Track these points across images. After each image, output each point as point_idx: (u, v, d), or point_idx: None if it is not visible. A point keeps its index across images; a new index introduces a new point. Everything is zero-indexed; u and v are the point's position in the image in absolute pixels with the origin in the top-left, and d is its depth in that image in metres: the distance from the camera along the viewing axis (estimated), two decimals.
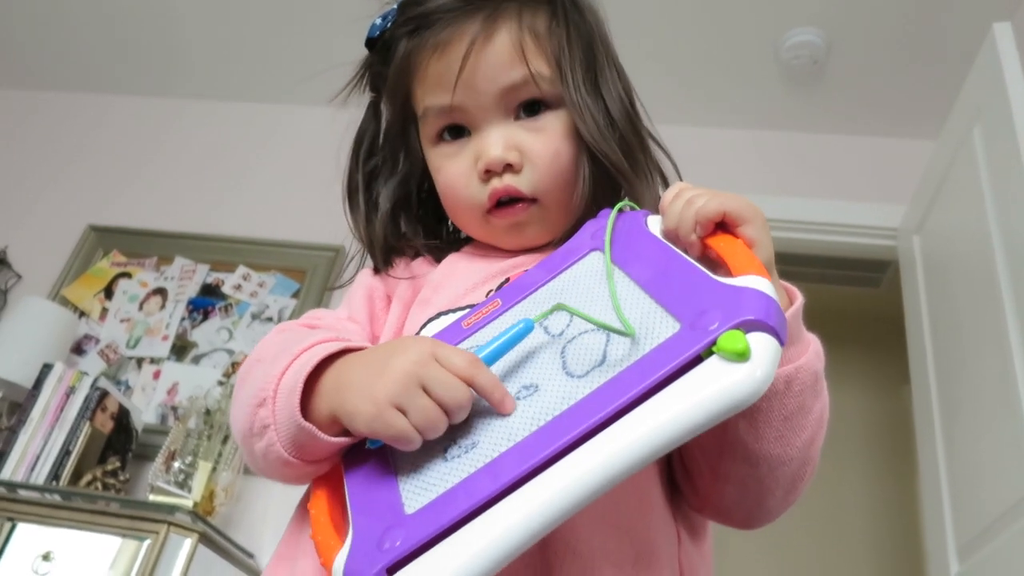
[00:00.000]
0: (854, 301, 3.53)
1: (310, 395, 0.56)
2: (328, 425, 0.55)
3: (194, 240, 2.47)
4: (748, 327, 0.46)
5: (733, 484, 0.61)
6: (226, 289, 2.38)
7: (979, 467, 1.63)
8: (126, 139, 2.72)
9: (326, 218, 2.35)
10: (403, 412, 0.50)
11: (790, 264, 3.17)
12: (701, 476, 0.63)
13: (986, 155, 1.70)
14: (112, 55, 2.67)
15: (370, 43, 0.79)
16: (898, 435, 3.37)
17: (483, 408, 0.52)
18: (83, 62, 2.71)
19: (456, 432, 0.52)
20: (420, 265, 0.80)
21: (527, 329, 0.56)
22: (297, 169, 2.56)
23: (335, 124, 0.84)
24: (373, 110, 0.83)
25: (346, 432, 0.55)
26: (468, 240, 0.81)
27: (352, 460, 0.56)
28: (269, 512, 1.99)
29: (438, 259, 0.79)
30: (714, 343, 0.45)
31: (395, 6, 0.77)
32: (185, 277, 2.41)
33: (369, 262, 0.81)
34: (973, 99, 1.79)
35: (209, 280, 2.41)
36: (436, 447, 0.51)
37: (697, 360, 0.46)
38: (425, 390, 0.51)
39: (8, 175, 2.69)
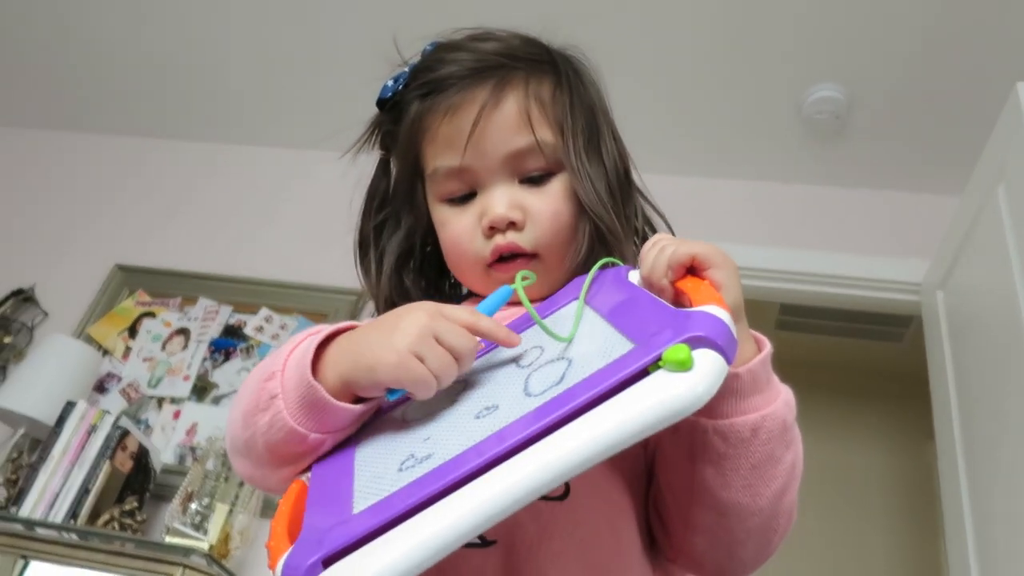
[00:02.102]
0: (876, 356, 3.50)
1: (319, 370, 0.59)
2: (337, 394, 0.58)
3: (218, 281, 2.50)
4: (694, 343, 0.47)
5: (703, 534, 0.63)
6: (248, 331, 2.40)
7: (1007, 526, 1.60)
8: (155, 181, 2.77)
9: (348, 262, 2.40)
10: (421, 360, 0.56)
11: (812, 317, 3.17)
12: (673, 525, 0.64)
13: (1011, 213, 1.70)
14: (144, 100, 2.73)
15: (381, 103, 0.83)
16: (922, 492, 3.31)
17: (444, 427, 0.55)
18: (116, 106, 2.78)
19: (415, 448, 0.55)
20: None
21: (507, 291, 0.65)
22: (320, 213, 2.59)
23: (353, 172, 0.87)
24: (383, 168, 0.87)
25: (354, 402, 0.59)
26: (466, 296, 0.85)
27: (317, 477, 0.58)
28: None
29: None
30: (660, 357, 0.47)
31: (407, 70, 0.82)
32: (208, 318, 2.44)
33: None
34: (997, 157, 1.80)
35: (232, 321, 2.43)
36: (393, 461, 0.54)
37: (644, 373, 0.48)
38: (438, 340, 0.56)
39: (39, 214, 2.74)
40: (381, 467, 0.55)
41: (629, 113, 0.94)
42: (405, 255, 0.85)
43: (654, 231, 0.83)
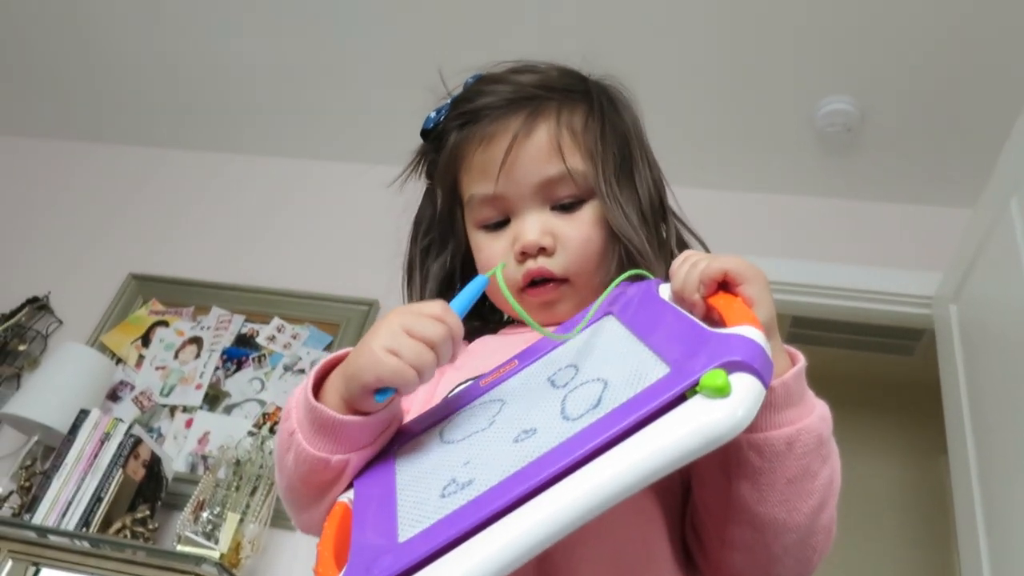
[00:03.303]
0: (888, 368, 3.49)
1: (323, 396, 0.62)
2: (343, 413, 0.61)
3: (231, 291, 2.51)
4: (731, 367, 0.47)
5: (739, 551, 0.62)
6: (260, 340, 2.41)
7: (1021, 540, 1.58)
8: (170, 191, 2.80)
9: (361, 272, 2.42)
10: (396, 355, 0.58)
11: (824, 330, 3.16)
12: (711, 543, 0.64)
13: None
14: (159, 110, 2.76)
15: (425, 134, 0.88)
16: (935, 507, 3.29)
17: (483, 450, 0.56)
18: (131, 116, 2.80)
19: (456, 472, 0.55)
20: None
21: (483, 281, 0.67)
22: (334, 223, 2.61)
23: (372, 182, 0.89)
24: (430, 196, 0.91)
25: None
26: (502, 324, 0.88)
27: (360, 501, 0.59)
28: (295, 567, 1.98)
29: (470, 340, 0.84)
30: (697, 383, 0.47)
31: (449, 101, 0.86)
32: (221, 327, 2.45)
33: None
34: (1010, 170, 1.79)
35: (244, 331, 2.44)
36: (435, 486, 0.55)
37: (682, 399, 0.48)
38: (409, 333, 0.59)
39: (54, 223, 2.76)
40: (423, 492, 0.55)
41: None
42: (448, 279, 0.88)
43: None
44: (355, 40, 2.34)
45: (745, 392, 0.46)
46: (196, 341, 2.43)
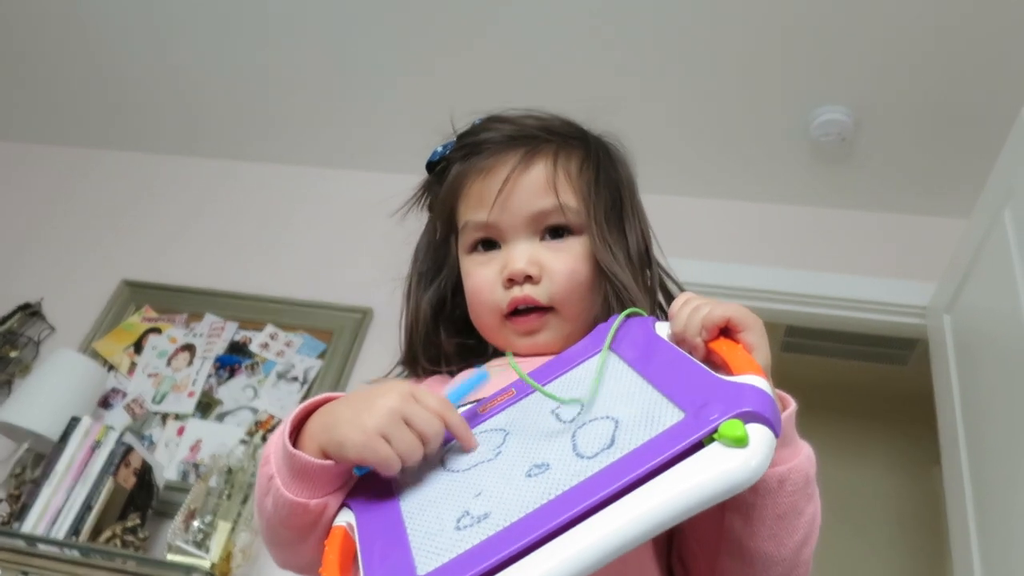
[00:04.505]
0: (881, 378, 3.49)
1: (301, 442, 0.64)
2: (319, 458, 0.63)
3: (224, 298, 2.50)
4: (746, 418, 0.50)
5: None
6: (253, 347, 2.40)
7: (1015, 552, 1.58)
8: (164, 198, 2.79)
9: (355, 280, 2.42)
10: (387, 441, 0.59)
11: (818, 339, 3.17)
12: (699, 572, 0.68)
13: (1018, 237, 1.70)
14: (152, 117, 2.75)
15: (430, 166, 0.92)
16: (928, 517, 3.29)
17: (495, 482, 0.57)
18: (125, 123, 2.80)
19: (468, 504, 0.56)
20: (446, 381, 0.89)
21: (481, 376, 0.69)
22: (328, 231, 2.61)
23: (366, 190, 0.91)
24: (429, 227, 0.95)
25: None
26: (493, 354, 0.89)
27: (364, 526, 0.60)
28: None
29: (458, 370, 0.87)
30: (715, 431, 0.50)
31: (455, 138, 0.90)
32: (214, 334, 2.44)
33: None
34: (1004, 181, 1.80)
35: (237, 338, 2.43)
36: (447, 516, 0.56)
37: (699, 446, 0.50)
38: (407, 423, 0.60)
39: (47, 229, 2.75)
40: (434, 522, 0.56)
41: (634, 135, 0.96)
42: (439, 304, 0.91)
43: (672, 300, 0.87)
44: (347, 49, 2.34)
45: (760, 442, 0.49)
46: (189, 348, 2.42)
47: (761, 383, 0.54)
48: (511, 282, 0.81)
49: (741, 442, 0.48)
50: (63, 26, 2.49)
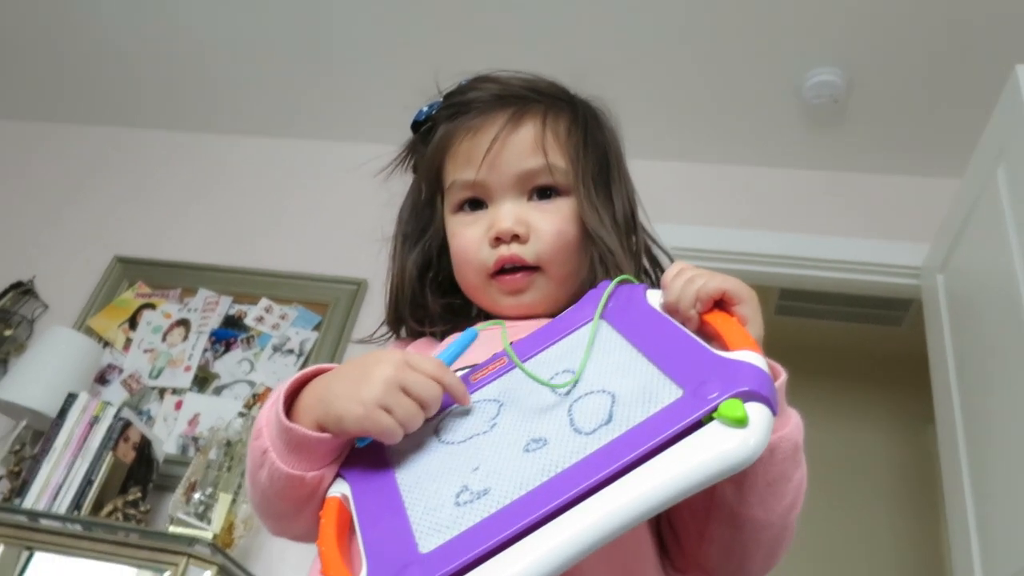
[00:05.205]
0: (876, 339, 3.51)
1: (295, 415, 0.63)
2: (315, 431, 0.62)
3: (218, 272, 2.50)
4: (745, 397, 0.50)
5: (717, 546, 0.67)
6: (248, 321, 2.40)
7: (1008, 508, 1.60)
8: (155, 173, 2.77)
9: (348, 252, 2.41)
10: (388, 411, 0.59)
11: (812, 302, 3.17)
12: (688, 538, 0.68)
13: (1010, 196, 1.70)
14: (144, 92, 2.72)
15: (415, 126, 0.90)
16: (923, 475, 3.33)
17: (492, 456, 0.57)
18: (115, 98, 2.77)
19: (467, 479, 0.56)
20: (432, 343, 0.88)
21: (471, 335, 0.69)
22: (321, 203, 2.59)
23: (359, 161, 0.90)
24: (414, 189, 0.94)
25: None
26: (477, 316, 0.88)
27: (360, 498, 0.59)
28: (288, 545, 1.98)
29: (446, 334, 0.86)
30: (715, 410, 0.50)
31: (441, 98, 0.88)
32: (208, 309, 2.44)
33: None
34: (996, 140, 1.79)
35: (232, 312, 2.43)
36: (446, 491, 0.56)
37: (698, 424, 0.50)
38: (405, 391, 0.60)
39: (38, 206, 2.74)
40: (433, 496, 0.56)
41: (626, 99, 0.95)
42: (425, 265, 0.90)
43: (660, 269, 0.87)
44: (343, 22, 2.31)
45: (759, 421, 0.49)
46: (184, 323, 2.42)
47: (758, 360, 0.54)
48: (498, 241, 0.80)
49: (741, 422, 0.48)
50: (47, 3, 2.46)
